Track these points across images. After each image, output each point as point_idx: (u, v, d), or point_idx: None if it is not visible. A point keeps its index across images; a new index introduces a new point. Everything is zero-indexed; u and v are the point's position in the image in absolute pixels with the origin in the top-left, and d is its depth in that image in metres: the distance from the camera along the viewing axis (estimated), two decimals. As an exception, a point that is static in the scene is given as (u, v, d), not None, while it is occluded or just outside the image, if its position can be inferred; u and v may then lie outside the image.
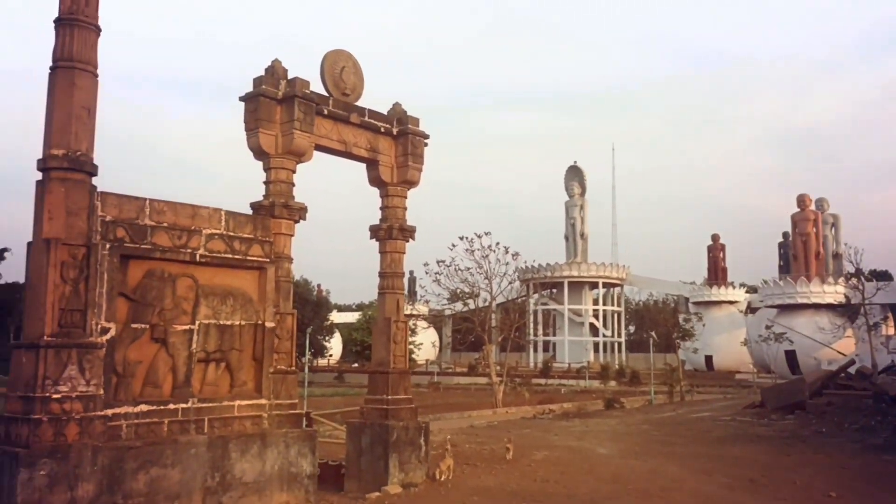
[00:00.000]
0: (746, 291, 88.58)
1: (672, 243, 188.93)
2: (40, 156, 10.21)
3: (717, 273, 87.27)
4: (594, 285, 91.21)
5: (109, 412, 10.31)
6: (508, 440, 18.54)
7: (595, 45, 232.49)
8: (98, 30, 10.51)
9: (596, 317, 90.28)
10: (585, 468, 16.58)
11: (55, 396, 9.60)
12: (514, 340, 43.66)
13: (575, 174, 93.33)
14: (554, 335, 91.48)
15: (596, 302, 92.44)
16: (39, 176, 10.23)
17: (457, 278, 37.73)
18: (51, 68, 10.33)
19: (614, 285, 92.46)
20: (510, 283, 40.29)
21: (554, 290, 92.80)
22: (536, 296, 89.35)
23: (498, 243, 36.48)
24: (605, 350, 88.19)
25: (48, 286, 9.77)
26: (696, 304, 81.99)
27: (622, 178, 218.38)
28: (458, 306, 45.90)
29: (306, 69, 13.79)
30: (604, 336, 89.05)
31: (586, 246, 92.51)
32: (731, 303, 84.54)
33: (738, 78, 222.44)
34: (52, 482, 9.33)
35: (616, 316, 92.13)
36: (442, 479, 14.54)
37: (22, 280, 27.14)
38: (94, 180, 10.50)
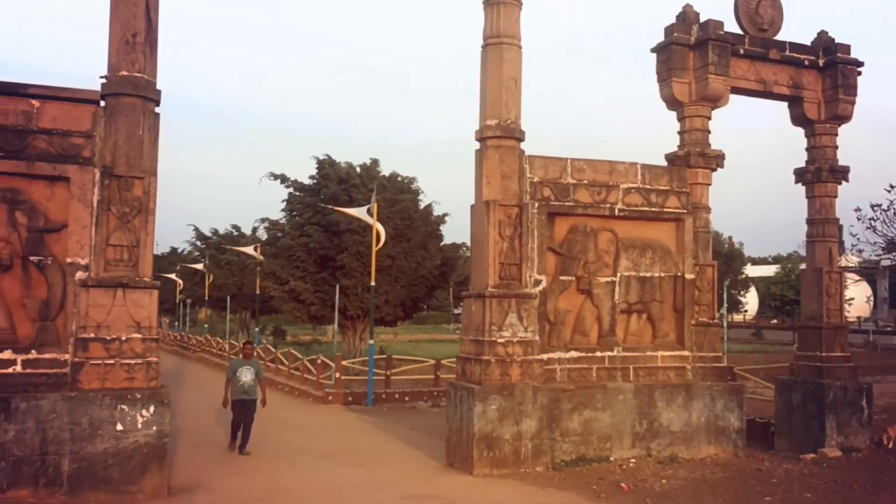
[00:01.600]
0: None
1: None
2: (476, 127, 11.46)
3: None
4: None
5: (545, 357, 11.35)
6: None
7: None
8: (520, 4, 11.36)
9: None
10: None
11: (500, 340, 10.89)
12: (977, 295, 36.76)
13: None
14: None
15: None
16: (477, 146, 11.51)
17: (898, 224, 32.92)
18: (482, 46, 11.48)
19: None
20: (972, 227, 33.88)
21: None
22: None
23: (954, 180, 30.85)
24: None
25: (489, 243, 11.06)
26: None
27: None
28: (899, 256, 39.92)
29: (717, 9, 13.17)
30: None
31: None
32: None
33: None
34: (501, 415, 10.63)
35: None
36: (890, 445, 13.03)
37: (458, 240, 30.87)
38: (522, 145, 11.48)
